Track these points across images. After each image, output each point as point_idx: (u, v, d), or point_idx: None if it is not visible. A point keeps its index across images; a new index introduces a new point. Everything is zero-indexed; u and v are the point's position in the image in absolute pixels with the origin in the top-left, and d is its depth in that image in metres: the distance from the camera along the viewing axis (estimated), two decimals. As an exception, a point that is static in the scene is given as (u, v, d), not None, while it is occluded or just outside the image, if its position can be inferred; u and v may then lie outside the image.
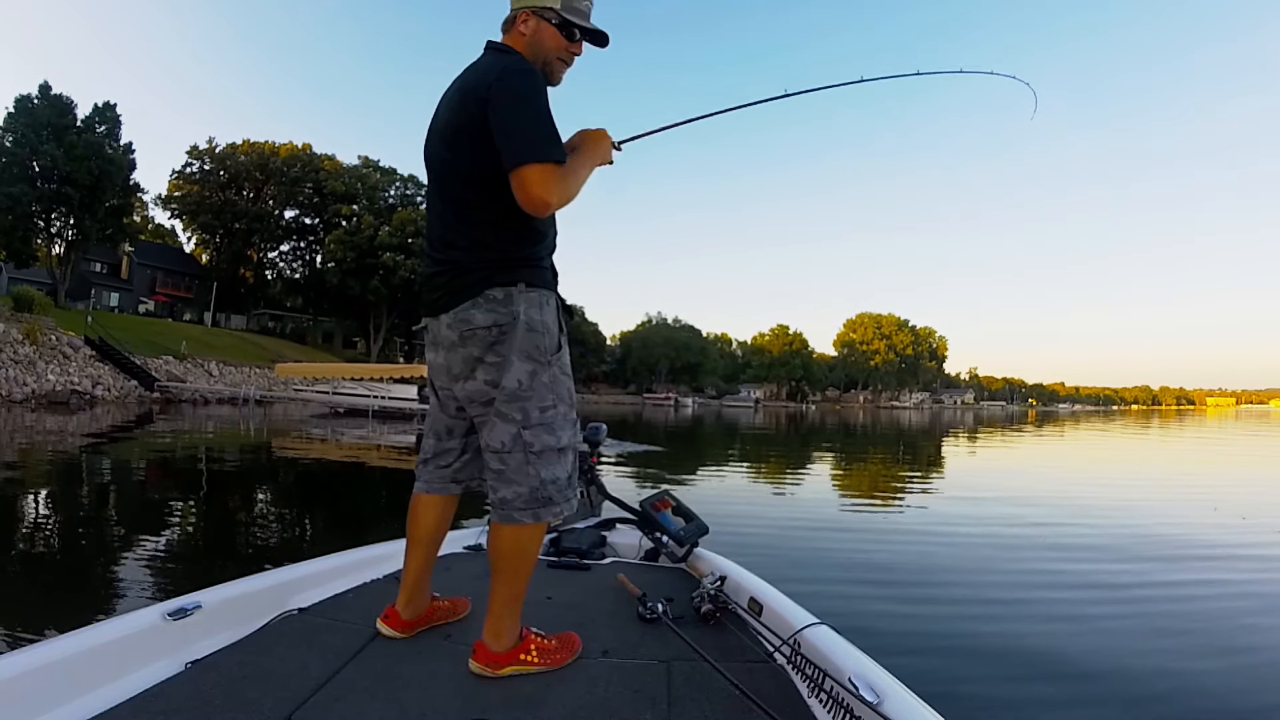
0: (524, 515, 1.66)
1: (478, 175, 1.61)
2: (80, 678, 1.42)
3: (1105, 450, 21.29)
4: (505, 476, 1.67)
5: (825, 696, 1.49)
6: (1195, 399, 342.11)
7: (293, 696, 1.44)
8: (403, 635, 1.81)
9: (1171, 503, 9.41)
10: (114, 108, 40.95)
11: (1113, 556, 5.57)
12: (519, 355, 1.63)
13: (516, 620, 1.68)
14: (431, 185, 1.77)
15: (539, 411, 1.65)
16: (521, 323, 1.63)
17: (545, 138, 1.55)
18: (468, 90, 1.63)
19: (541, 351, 1.66)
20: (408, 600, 1.83)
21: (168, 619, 1.64)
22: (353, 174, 59.18)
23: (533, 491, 1.65)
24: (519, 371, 1.63)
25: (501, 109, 1.55)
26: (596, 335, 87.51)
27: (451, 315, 1.67)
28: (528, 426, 1.64)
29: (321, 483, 9.54)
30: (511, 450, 1.65)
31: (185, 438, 14.77)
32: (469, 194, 1.65)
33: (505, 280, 1.64)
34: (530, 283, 1.66)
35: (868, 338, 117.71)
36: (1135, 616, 4.04)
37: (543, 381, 1.66)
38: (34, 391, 22.17)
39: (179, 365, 32.82)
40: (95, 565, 4.58)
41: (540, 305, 1.67)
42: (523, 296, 1.64)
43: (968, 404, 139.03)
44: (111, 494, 7.85)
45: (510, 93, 1.56)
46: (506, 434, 1.65)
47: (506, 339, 1.64)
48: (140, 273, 54.78)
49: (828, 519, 7.37)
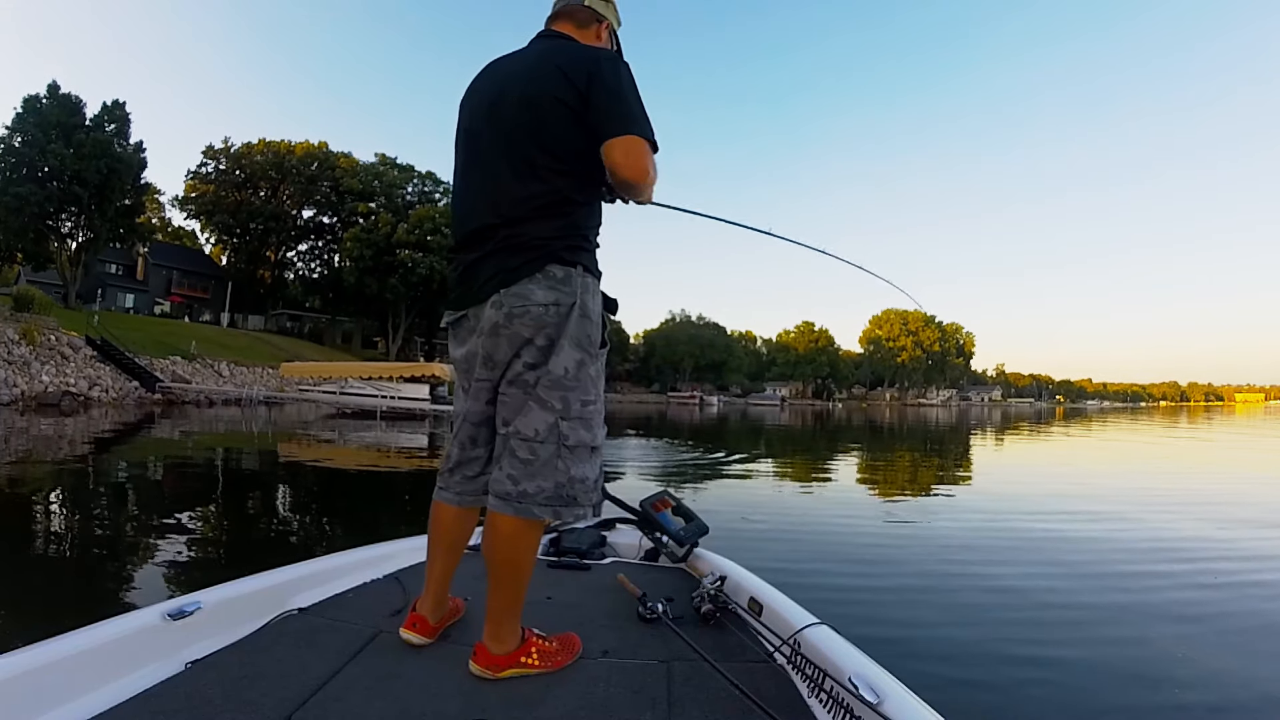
0: (544, 511, 1.58)
1: (560, 141, 1.58)
2: (80, 678, 1.42)
3: (1131, 448, 20.32)
4: (533, 468, 1.57)
5: (825, 696, 1.49)
6: (1224, 395, 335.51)
7: (293, 696, 1.44)
8: (428, 640, 1.76)
9: (1192, 504, 8.75)
10: (123, 106, 40.38)
11: (1123, 558, 5.43)
12: (570, 341, 1.57)
13: (517, 623, 1.64)
14: (489, 149, 1.66)
15: (580, 404, 1.59)
16: (579, 306, 1.57)
17: (650, 123, 1.57)
18: (570, 65, 1.59)
19: (591, 342, 1.60)
20: (434, 606, 1.79)
21: (168, 619, 1.64)
22: (370, 172, 58.47)
23: (558, 487, 1.58)
24: (568, 358, 1.57)
25: (615, 84, 1.57)
26: (620, 333, 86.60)
27: (502, 294, 1.57)
28: (567, 418, 1.57)
29: (323, 487, 8.94)
30: (545, 440, 1.57)
31: (174, 445, 13.48)
32: (545, 158, 1.58)
33: (569, 259, 1.58)
34: (588, 268, 1.61)
35: (894, 334, 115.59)
36: (1137, 616, 3.97)
37: (589, 374, 1.61)
38: (23, 393, 21.02)
39: (186, 366, 31.81)
40: (94, 566, 4.50)
41: (595, 294, 1.62)
42: (582, 280, 1.59)
43: (995, 401, 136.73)
44: (105, 498, 7.36)
45: (622, 74, 1.59)
46: (543, 422, 1.57)
47: (561, 322, 1.56)
48: (156, 274, 54.61)
49: (834, 518, 7.19)
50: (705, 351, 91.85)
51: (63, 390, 22.32)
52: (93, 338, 27.72)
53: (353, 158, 59.99)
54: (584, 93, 1.55)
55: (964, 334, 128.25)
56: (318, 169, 58.50)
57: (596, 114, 1.54)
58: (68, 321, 28.55)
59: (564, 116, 1.56)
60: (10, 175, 36.03)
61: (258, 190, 59.15)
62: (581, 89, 1.55)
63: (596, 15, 1.80)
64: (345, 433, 17.03)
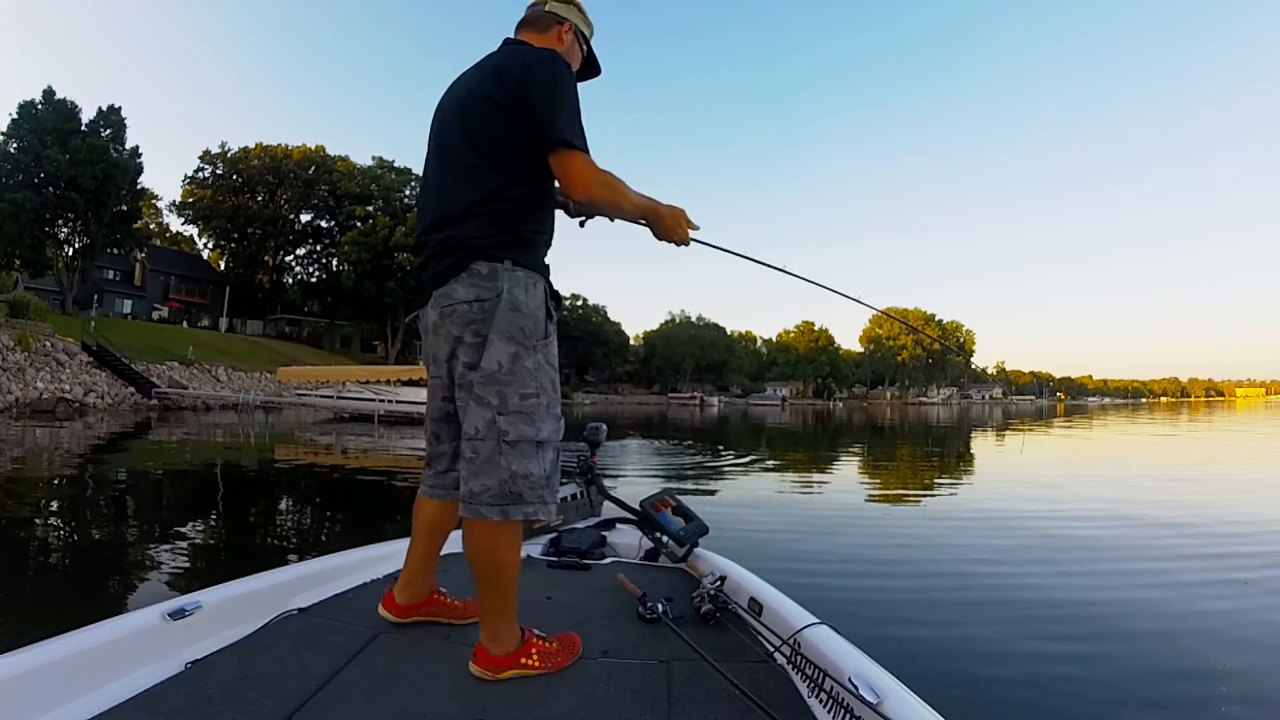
0: (491, 511, 1.57)
1: (493, 142, 1.61)
2: (80, 678, 1.42)
3: (1131, 445, 20.20)
4: (476, 466, 1.58)
5: (825, 696, 1.49)
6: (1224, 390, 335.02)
7: (293, 696, 1.44)
8: (397, 619, 1.83)
9: (1194, 502, 8.60)
10: (118, 111, 40.29)
11: (1126, 556, 5.41)
12: (500, 335, 1.57)
13: (511, 623, 1.63)
14: (434, 160, 1.74)
15: (518, 398, 1.58)
16: (505, 300, 1.58)
17: (582, 130, 1.59)
18: (505, 66, 1.63)
19: (526, 334, 1.59)
20: (404, 585, 1.85)
21: (168, 619, 1.64)
22: (367, 175, 58.42)
23: (501, 485, 1.57)
24: (500, 353, 1.57)
25: (548, 86, 1.58)
26: (620, 334, 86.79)
27: (435, 295, 1.65)
28: (504, 413, 1.57)
29: (321, 490, 8.83)
30: (485, 437, 1.58)
31: (171, 450, 13.30)
32: (477, 159, 1.62)
33: (492, 255, 1.60)
34: (519, 261, 1.61)
35: (895, 333, 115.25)
36: (1140, 616, 3.95)
37: (526, 366, 1.59)
38: (18, 400, 20.83)
39: (184, 371, 31.58)
40: (93, 568, 4.47)
41: (526, 286, 1.61)
42: (509, 274, 1.59)
43: (996, 399, 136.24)
44: (101, 503, 7.30)
45: (558, 75, 1.60)
46: (481, 419, 1.58)
47: (488, 317, 1.58)
48: (154, 279, 54.48)
49: (834, 518, 7.15)
50: (706, 352, 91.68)
51: (58, 396, 22.11)
52: (89, 343, 27.52)
53: (350, 161, 59.92)
54: (515, 92, 1.58)
55: (964, 332, 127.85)
56: (315, 173, 58.36)
57: (532, 119, 1.57)
58: (64, 327, 28.36)
59: (497, 117, 1.60)
60: (6, 182, 35.88)
61: (255, 195, 58.97)
62: (513, 89, 1.58)
63: (557, 18, 1.83)
64: (343, 436, 16.82)
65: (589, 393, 74.16)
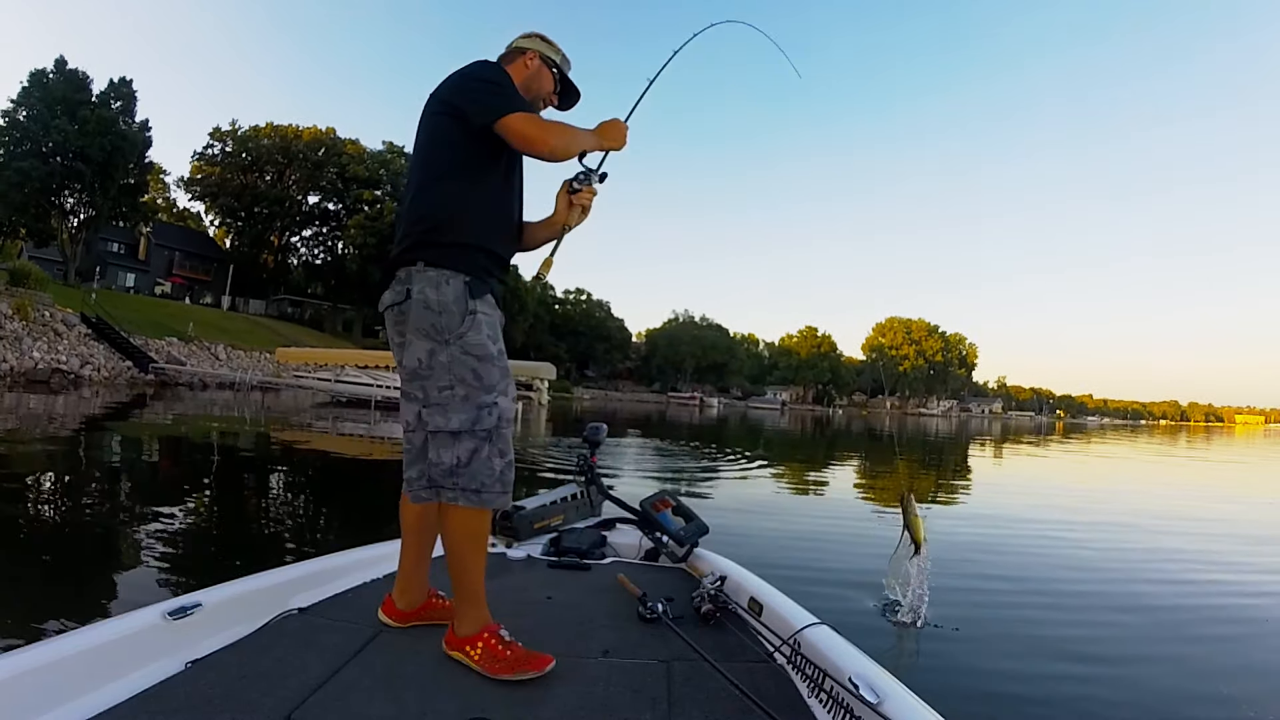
0: (428, 494, 1.76)
1: (433, 147, 1.77)
2: (80, 678, 1.42)
3: (1131, 466, 20.10)
4: (411, 456, 1.79)
5: (825, 696, 1.49)
6: (1224, 416, 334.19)
7: (293, 696, 1.45)
8: (398, 624, 1.86)
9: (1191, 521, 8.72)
10: (130, 83, 40.09)
11: (1123, 571, 5.47)
12: (416, 334, 1.69)
13: (475, 609, 1.69)
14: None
15: (436, 391, 1.68)
16: (416, 300, 1.67)
17: (510, 95, 1.73)
18: (443, 81, 1.80)
19: (439, 330, 1.67)
20: (401, 590, 1.89)
21: (168, 619, 1.64)
22: (376, 159, 58.17)
23: (425, 472, 1.75)
24: (418, 350, 1.69)
25: (469, 75, 1.77)
26: (622, 331, 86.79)
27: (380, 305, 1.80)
28: (426, 406, 1.71)
29: (316, 480, 8.58)
30: (415, 429, 1.77)
31: (164, 429, 13.18)
32: (421, 174, 1.77)
33: (406, 260, 1.71)
34: (430, 261, 1.69)
35: (897, 342, 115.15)
36: (1135, 629, 3.96)
37: (440, 361, 1.68)
38: (13, 369, 20.69)
39: (183, 348, 31.47)
40: (93, 565, 4.33)
41: (438, 284, 1.68)
42: (420, 275, 1.68)
43: (996, 413, 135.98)
44: (93, 486, 6.96)
45: (477, 66, 1.80)
46: (410, 413, 1.77)
47: (405, 317, 1.70)
48: (159, 254, 54.33)
49: (834, 519, 7.31)
50: (707, 352, 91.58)
51: (53, 367, 22.00)
52: (88, 315, 27.43)
53: (360, 144, 59.66)
54: (447, 98, 1.75)
55: (967, 345, 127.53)
56: (324, 155, 58.16)
57: (464, 111, 1.71)
58: (64, 298, 28.26)
59: (436, 126, 1.77)
60: (13, 150, 35.76)
61: (263, 174, 58.77)
62: (444, 95, 1.76)
63: (520, 49, 1.98)
64: (339, 423, 16.66)
65: (589, 388, 74.01)
